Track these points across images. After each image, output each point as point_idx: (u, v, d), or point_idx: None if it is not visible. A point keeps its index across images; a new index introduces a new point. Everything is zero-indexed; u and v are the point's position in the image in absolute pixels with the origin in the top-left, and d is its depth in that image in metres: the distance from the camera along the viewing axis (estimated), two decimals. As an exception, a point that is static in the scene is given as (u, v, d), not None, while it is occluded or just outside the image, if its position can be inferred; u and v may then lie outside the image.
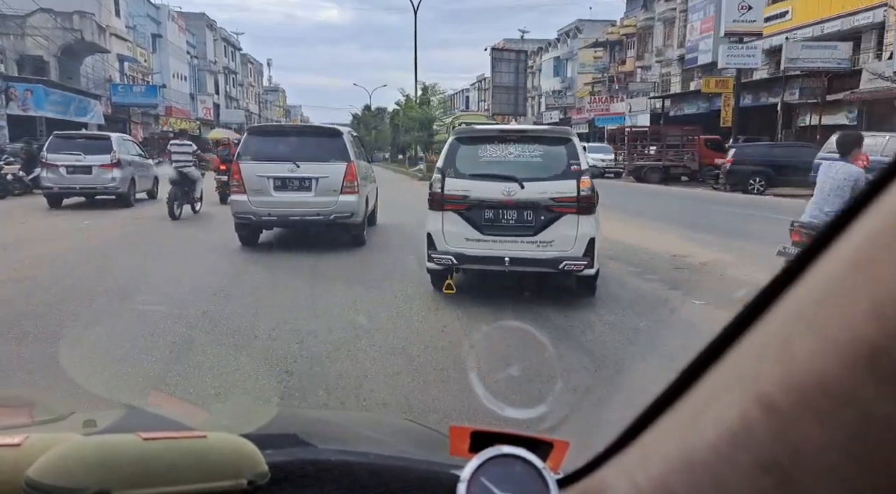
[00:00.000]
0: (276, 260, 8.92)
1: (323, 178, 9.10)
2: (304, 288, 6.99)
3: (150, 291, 6.71)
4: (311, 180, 9.08)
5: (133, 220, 13.07)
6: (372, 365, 4.45)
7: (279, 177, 9.01)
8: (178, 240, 10.53)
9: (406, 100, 39.90)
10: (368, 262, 8.54)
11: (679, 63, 45.21)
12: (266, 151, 9.21)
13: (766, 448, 0.45)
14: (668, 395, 0.62)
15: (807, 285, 0.47)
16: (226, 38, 72.15)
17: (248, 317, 5.68)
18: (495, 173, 6.03)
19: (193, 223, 12.71)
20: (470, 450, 0.77)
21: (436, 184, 6.19)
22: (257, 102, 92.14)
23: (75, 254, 8.95)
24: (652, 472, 0.60)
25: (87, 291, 6.68)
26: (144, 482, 0.69)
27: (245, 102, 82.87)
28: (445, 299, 6.20)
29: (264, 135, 10.01)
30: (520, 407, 2.58)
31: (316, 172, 9.08)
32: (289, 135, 10.15)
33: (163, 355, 4.61)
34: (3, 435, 0.78)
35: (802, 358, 0.42)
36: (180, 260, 8.78)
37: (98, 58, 36.42)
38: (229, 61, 73.78)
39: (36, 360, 4.42)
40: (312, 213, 9.08)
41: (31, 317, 5.53)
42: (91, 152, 14.93)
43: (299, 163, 9.02)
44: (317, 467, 0.82)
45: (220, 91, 68.36)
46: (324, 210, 9.04)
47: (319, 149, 9.30)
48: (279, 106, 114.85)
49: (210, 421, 1.43)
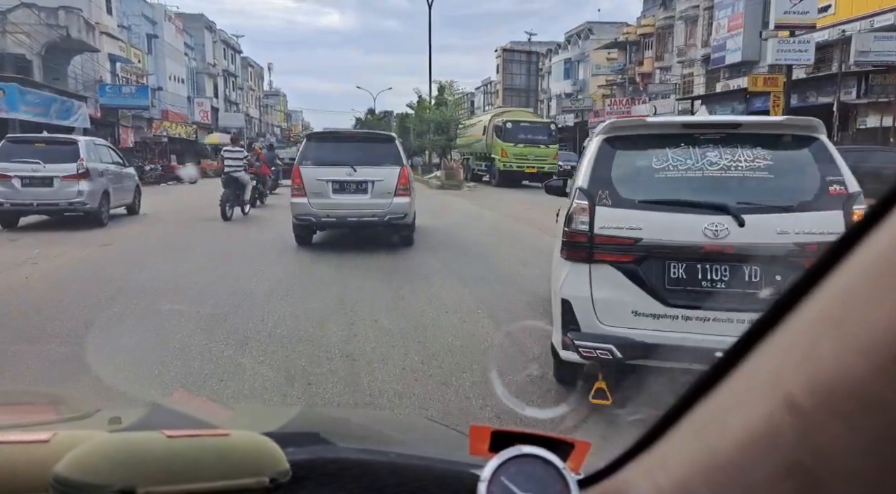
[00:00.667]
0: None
1: (378, 182, 9.55)
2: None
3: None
4: (368, 183, 9.56)
5: (100, 248, 10.23)
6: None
7: (337, 180, 9.52)
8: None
9: (419, 101, 37.21)
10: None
11: (703, 63, 42.76)
12: (325, 156, 9.74)
13: (790, 451, 0.44)
14: (690, 396, 0.61)
15: (833, 286, 0.46)
16: (225, 40, 69.78)
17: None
18: (688, 199, 3.55)
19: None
20: (490, 450, 0.77)
21: (577, 217, 3.67)
22: (258, 106, 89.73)
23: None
24: (674, 474, 0.59)
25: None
26: (168, 478, 0.69)
27: (245, 106, 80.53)
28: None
29: (323, 141, 10.41)
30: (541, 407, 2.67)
31: (372, 176, 9.55)
32: (345, 140, 10.62)
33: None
34: (32, 432, 0.79)
35: (829, 359, 0.42)
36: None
37: (87, 57, 33.96)
38: (229, 64, 71.40)
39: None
40: (368, 215, 9.58)
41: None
42: (53, 160, 12.19)
43: (356, 168, 9.53)
44: (337, 465, 0.83)
45: (220, 94, 65.97)
46: (379, 211, 9.55)
47: (374, 153, 9.77)
48: (280, 110, 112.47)
49: (232, 419, 1.45)
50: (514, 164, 28.24)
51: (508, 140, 28.32)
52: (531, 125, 29.94)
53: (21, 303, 6.44)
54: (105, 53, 36.07)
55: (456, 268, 8.46)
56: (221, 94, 66.79)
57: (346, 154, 9.75)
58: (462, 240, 11.42)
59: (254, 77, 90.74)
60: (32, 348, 4.92)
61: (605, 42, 54.51)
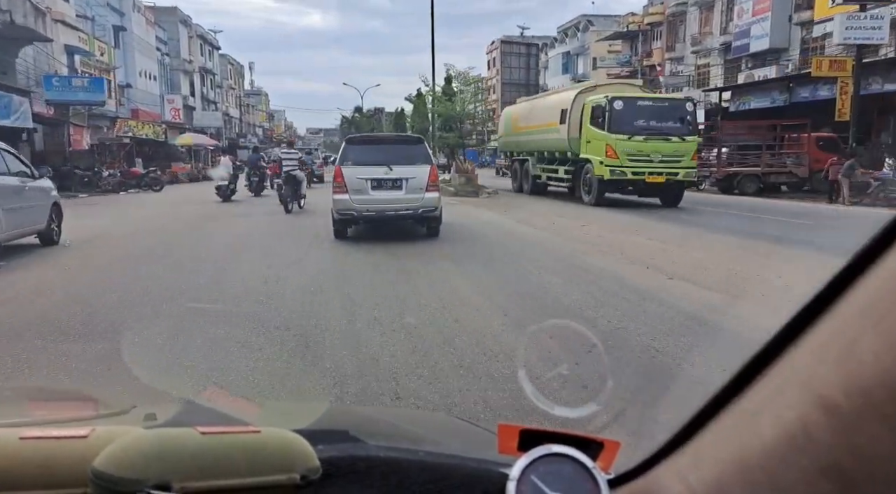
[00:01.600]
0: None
1: (412, 179, 10.86)
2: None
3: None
4: (402, 181, 10.86)
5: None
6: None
7: (375, 178, 10.82)
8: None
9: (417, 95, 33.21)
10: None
11: (721, 52, 39.37)
12: (363, 157, 11.06)
13: (827, 452, 0.44)
14: (722, 396, 0.61)
15: (871, 283, 0.44)
16: (202, 35, 65.59)
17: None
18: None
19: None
20: (519, 449, 0.77)
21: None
22: (238, 106, 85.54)
23: None
24: (706, 475, 0.59)
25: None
26: (201, 474, 0.71)
27: (224, 105, 76.43)
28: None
29: (361, 144, 11.62)
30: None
31: (406, 174, 10.86)
32: (381, 143, 12.14)
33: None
34: (70, 428, 0.82)
35: (867, 359, 0.41)
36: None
37: (39, 48, 29.89)
38: (206, 61, 67.24)
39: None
40: (403, 209, 10.91)
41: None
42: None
43: (392, 167, 10.81)
44: (367, 463, 0.83)
45: (197, 93, 61.80)
46: (412, 205, 10.88)
47: (407, 154, 11.13)
48: (262, 110, 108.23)
49: (263, 417, 1.50)
50: (629, 170, 16.98)
51: (619, 129, 16.98)
52: (655, 106, 17.78)
53: None
54: (60, 44, 31.98)
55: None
56: (199, 93, 62.61)
57: (382, 154, 10.94)
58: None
59: (234, 75, 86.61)
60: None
61: (607, 34, 51.15)
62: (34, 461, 0.72)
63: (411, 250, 9.79)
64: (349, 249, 10.01)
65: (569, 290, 6.74)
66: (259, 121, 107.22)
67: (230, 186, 20.37)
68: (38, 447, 0.74)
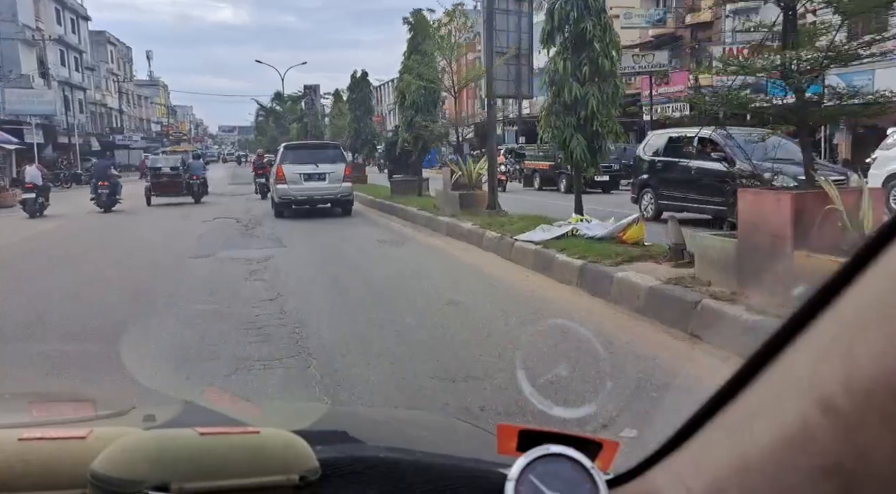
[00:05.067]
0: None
1: (332, 173, 15.77)
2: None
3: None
4: (326, 174, 15.73)
5: None
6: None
7: (306, 172, 15.63)
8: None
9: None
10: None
11: None
12: (297, 158, 16.17)
13: (827, 452, 0.43)
14: (721, 397, 0.60)
15: (869, 282, 0.44)
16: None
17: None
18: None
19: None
20: (517, 449, 0.77)
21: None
22: (124, 96, 67.84)
23: None
24: (704, 476, 0.59)
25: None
26: (201, 475, 0.71)
27: (103, 93, 58.87)
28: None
29: (295, 149, 17.29)
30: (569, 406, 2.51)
31: (328, 170, 15.76)
32: (309, 148, 17.89)
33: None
34: (70, 429, 0.83)
35: (867, 358, 0.41)
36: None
37: None
38: (67, 32, 50.41)
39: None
40: (328, 194, 15.82)
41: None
42: None
43: (318, 164, 15.76)
44: (365, 464, 0.83)
45: (53, 73, 44.56)
46: (333, 192, 15.77)
47: (328, 155, 16.39)
48: (160, 103, 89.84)
49: (262, 418, 1.52)
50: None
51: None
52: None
53: None
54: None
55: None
56: (57, 72, 45.51)
57: (311, 156, 16.28)
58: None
59: (117, 59, 68.80)
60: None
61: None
62: (33, 462, 0.71)
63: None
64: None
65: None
66: (157, 116, 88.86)
67: (38, 200, 18.43)
68: (36, 448, 0.73)
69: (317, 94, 40.00)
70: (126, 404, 1.26)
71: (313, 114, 37.82)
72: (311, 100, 39.92)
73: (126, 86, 71.03)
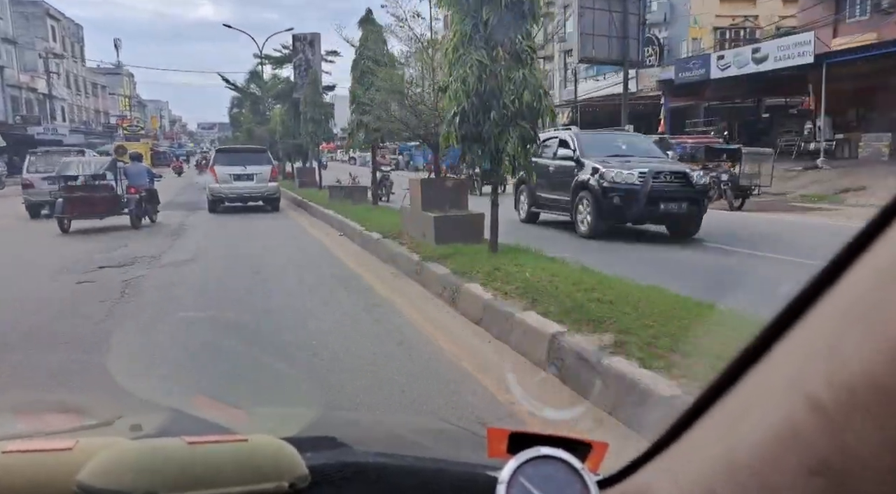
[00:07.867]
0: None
1: (258, 174, 17.72)
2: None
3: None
4: (254, 175, 17.69)
5: None
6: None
7: (236, 173, 17.59)
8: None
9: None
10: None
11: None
12: (228, 160, 18.18)
13: (815, 450, 0.43)
14: (709, 395, 0.61)
15: (856, 278, 0.44)
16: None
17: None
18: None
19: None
20: (508, 452, 0.76)
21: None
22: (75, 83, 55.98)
23: None
24: (695, 474, 0.59)
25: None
26: (189, 484, 0.70)
27: (30, 75, 47.17)
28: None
29: (226, 153, 19.46)
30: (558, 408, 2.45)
31: (256, 171, 17.76)
32: (239, 151, 19.54)
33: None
34: (55, 440, 0.81)
35: (853, 356, 0.41)
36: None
37: None
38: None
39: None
40: (256, 192, 17.70)
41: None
42: None
43: (246, 166, 17.74)
44: (355, 469, 0.82)
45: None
46: (260, 190, 17.71)
47: (256, 158, 18.42)
48: (124, 96, 77.64)
49: (251, 425, 1.42)
50: None
51: None
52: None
53: None
54: None
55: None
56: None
57: (240, 158, 18.22)
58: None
59: (61, 37, 56.89)
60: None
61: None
62: (18, 475, 0.70)
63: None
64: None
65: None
66: (120, 108, 76.78)
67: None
68: (21, 460, 0.72)
69: (315, 49, 27.00)
70: (112, 413, 1.22)
71: (310, 82, 22.57)
72: (304, 60, 26.75)
73: (73, 70, 58.99)
